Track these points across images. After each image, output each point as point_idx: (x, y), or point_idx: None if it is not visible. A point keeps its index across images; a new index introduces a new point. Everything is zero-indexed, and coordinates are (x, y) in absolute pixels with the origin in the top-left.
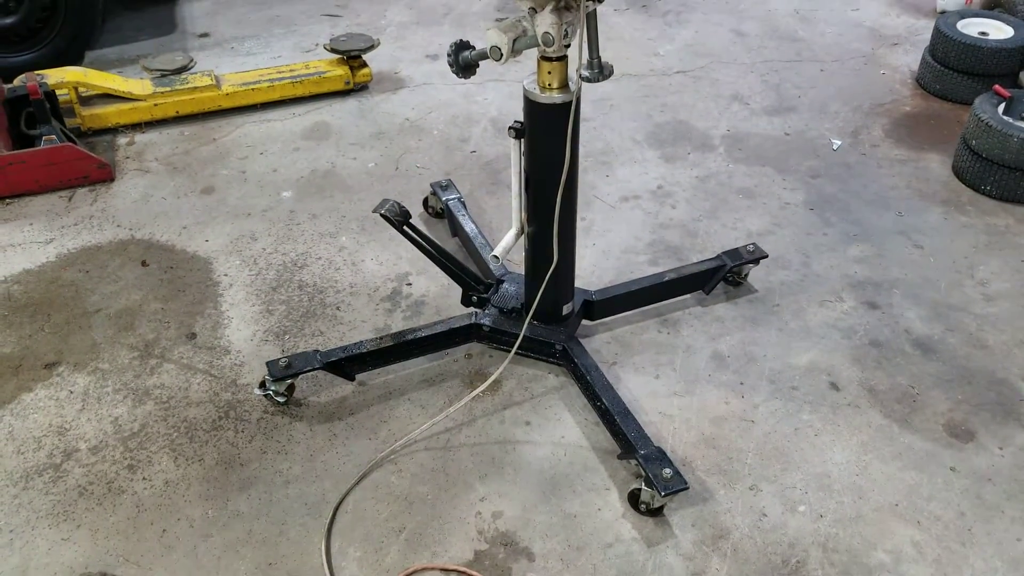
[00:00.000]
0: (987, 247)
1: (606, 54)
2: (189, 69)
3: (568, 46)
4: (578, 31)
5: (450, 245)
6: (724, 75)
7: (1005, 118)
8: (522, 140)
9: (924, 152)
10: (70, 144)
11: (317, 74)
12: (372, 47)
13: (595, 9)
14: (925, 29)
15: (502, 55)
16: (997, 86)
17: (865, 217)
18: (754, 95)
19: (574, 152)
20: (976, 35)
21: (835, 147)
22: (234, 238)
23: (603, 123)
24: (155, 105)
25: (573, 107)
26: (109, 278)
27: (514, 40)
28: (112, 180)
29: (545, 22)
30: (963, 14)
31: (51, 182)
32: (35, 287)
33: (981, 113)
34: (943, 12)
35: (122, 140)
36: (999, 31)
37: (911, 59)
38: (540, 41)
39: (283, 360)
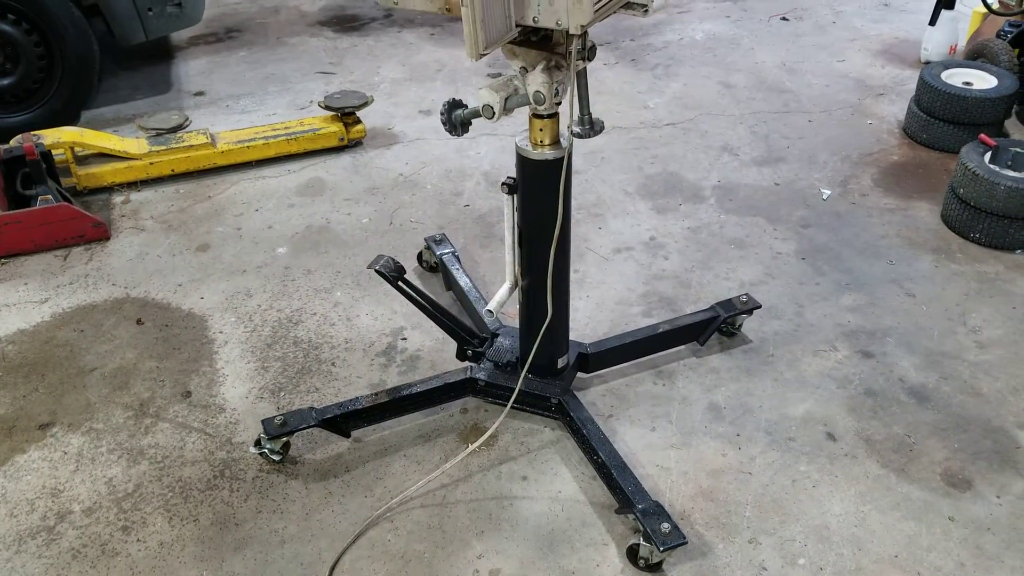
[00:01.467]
0: (978, 294)
1: (596, 107)
2: (184, 128)
3: (559, 103)
4: (568, 89)
5: (445, 299)
6: (713, 126)
7: (991, 166)
8: (515, 195)
9: (913, 200)
10: (66, 204)
11: (312, 131)
12: (366, 104)
13: (585, 67)
14: (910, 79)
15: (494, 113)
16: (983, 135)
17: (857, 266)
18: (743, 146)
19: (566, 207)
20: (960, 85)
21: (825, 197)
22: (229, 295)
23: (595, 175)
24: (151, 164)
25: (565, 163)
26: (104, 337)
27: (506, 99)
28: (108, 239)
29: (536, 81)
30: (947, 64)
31: (47, 242)
32: (30, 347)
33: (968, 162)
34: (927, 63)
35: (118, 199)
36: (983, 81)
37: (897, 109)
38: (531, 100)
39: (278, 418)
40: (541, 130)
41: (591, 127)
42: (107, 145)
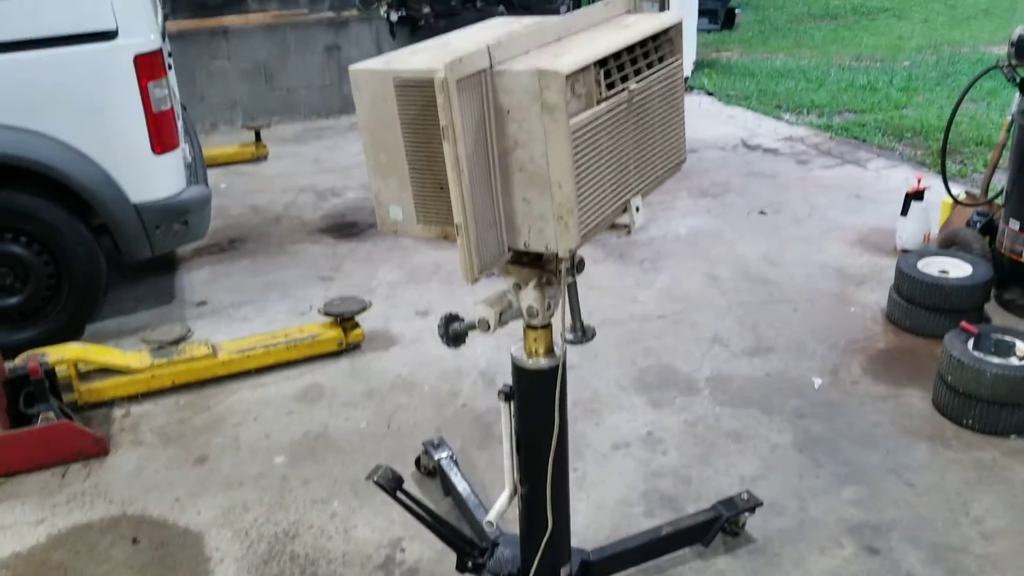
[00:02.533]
0: (978, 482)
1: (587, 302)
2: (187, 339)
3: (552, 315)
4: (560, 301)
5: (443, 505)
6: (702, 318)
7: (975, 353)
8: (511, 403)
9: (903, 388)
10: (67, 421)
11: (311, 337)
12: (364, 309)
13: (575, 280)
14: (888, 267)
15: (490, 327)
16: (964, 323)
17: (854, 456)
18: (733, 337)
19: (563, 415)
20: (937, 273)
21: (816, 386)
22: (226, 509)
23: (590, 370)
24: (152, 376)
25: (560, 373)
26: (99, 558)
27: (501, 313)
28: (106, 454)
29: (529, 297)
30: (922, 253)
31: (45, 459)
32: (24, 572)
33: (952, 350)
34: (904, 251)
35: (118, 412)
36: (959, 269)
37: (879, 296)
38: (525, 314)
39: None
40: (535, 340)
41: (583, 334)
42: (110, 360)
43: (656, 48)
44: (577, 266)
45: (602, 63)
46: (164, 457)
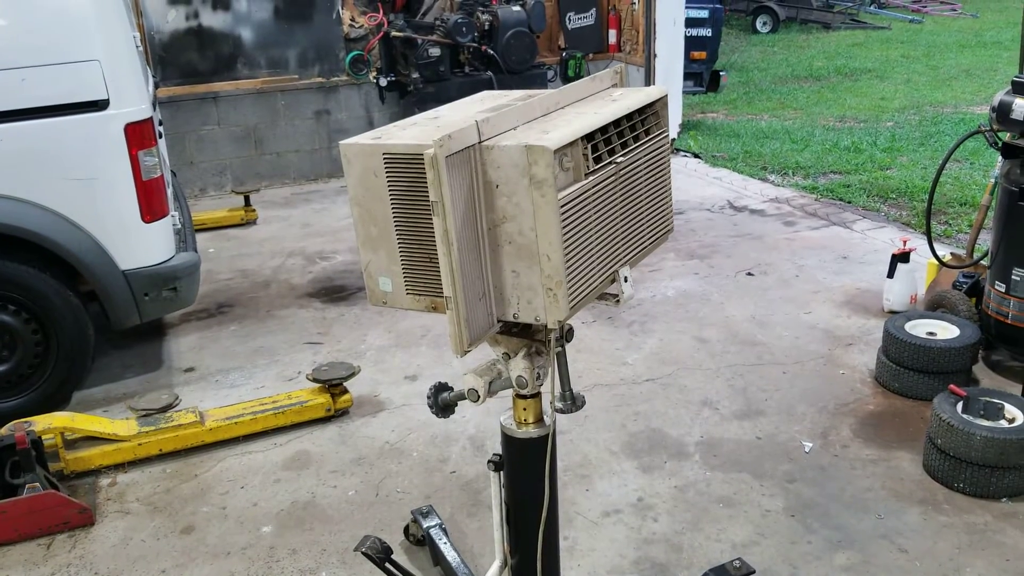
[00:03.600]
0: (970, 547)
1: (577, 365)
2: (174, 407)
3: (541, 384)
4: (549, 371)
5: (433, 574)
6: (691, 381)
7: (965, 417)
8: (501, 472)
9: (893, 451)
10: (52, 491)
11: (299, 403)
12: (353, 375)
13: (563, 348)
14: (876, 328)
15: (479, 397)
16: (952, 386)
17: (846, 521)
18: (722, 400)
19: (553, 485)
20: (924, 335)
21: (807, 450)
22: None
23: (579, 435)
24: (139, 445)
25: (550, 443)
26: None
27: (490, 383)
28: (92, 524)
29: (518, 367)
30: (909, 316)
31: (31, 530)
32: None
33: (941, 413)
34: (891, 312)
35: (104, 481)
36: (946, 331)
37: (867, 358)
38: (514, 384)
39: None
40: (525, 409)
41: (573, 403)
42: (97, 429)
43: (643, 121)
44: (566, 335)
45: (589, 137)
46: (150, 527)
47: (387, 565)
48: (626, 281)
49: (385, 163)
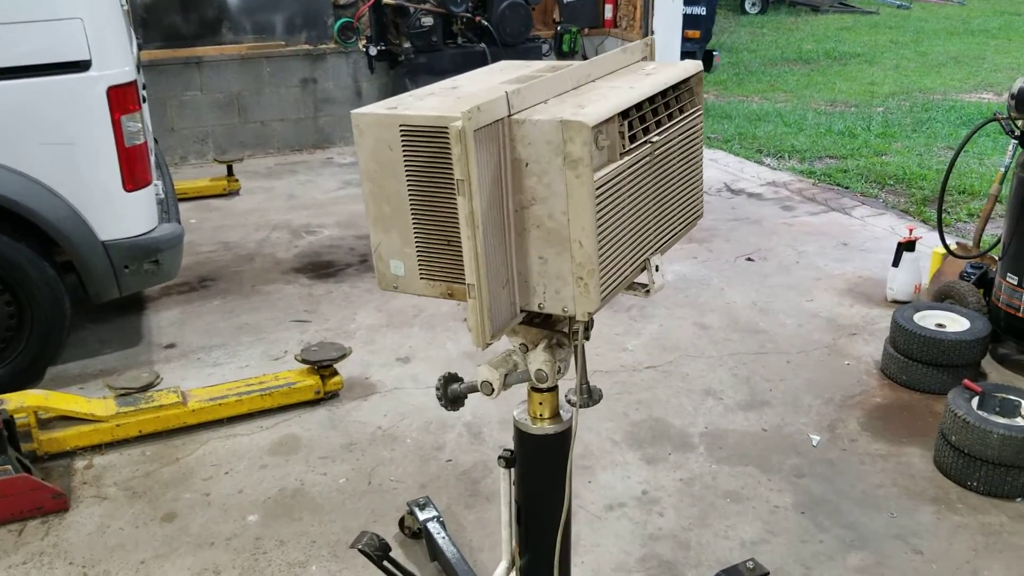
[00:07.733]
0: (986, 549)
1: None
2: (155, 386)
3: (561, 378)
4: (571, 364)
5: (429, 570)
6: (693, 369)
7: (981, 413)
8: (512, 469)
9: (903, 446)
10: (25, 475)
11: (287, 385)
12: (344, 356)
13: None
14: (879, 318)
15: (493, 390)
16: (967, 380)
17: (858, 520)
18: (726, 389)
19: (569, 484)
20: (934, 327)
21: (814, 443)
22: (196, 573)
23: (580, 423)
24: (117, 426)
25: (570, 439)
26: None
27: (506, 375)
28: (67, 510)
29: (538, 359)
30: (917, 307)
31: (2, 516)
32: None
33: (956, 409)
34: (895, 301)
35: (80, 464)
36: (955, 323)
37: (872, 348)
38: (533, 378)
39: None
40: (541, 403)
41: (589, 396)
42: (74, 408)
43: (677, 98)
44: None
45: (624, 114)
46: (129, 514)
47: (385, 563)
48: (657, 270)
49: (402, 135)
